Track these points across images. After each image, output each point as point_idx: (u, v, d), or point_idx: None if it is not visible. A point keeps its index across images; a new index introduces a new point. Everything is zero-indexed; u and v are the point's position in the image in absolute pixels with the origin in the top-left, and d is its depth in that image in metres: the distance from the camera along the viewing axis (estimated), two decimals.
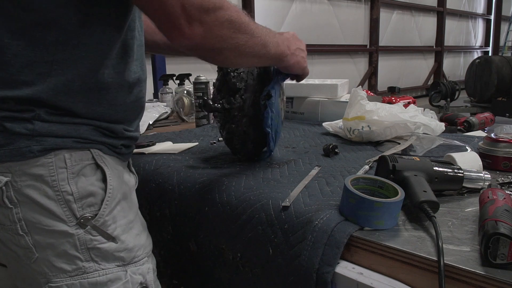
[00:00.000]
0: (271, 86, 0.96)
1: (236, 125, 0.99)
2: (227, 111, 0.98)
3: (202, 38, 0.64)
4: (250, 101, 0.97)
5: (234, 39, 0.68)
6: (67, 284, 0.68)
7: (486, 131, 1.70)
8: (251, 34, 0.71)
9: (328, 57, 6.99)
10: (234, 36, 0.68)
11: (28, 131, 0.63)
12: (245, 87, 0.97)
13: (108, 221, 0.70)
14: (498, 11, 11.86)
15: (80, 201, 0.67)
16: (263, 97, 0.96)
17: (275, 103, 0.97)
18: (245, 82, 0.97)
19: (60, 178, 0.65)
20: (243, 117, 0.98)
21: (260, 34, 0.74)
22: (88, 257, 0.68)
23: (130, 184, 0.78)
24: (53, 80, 0.63)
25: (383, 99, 1.92)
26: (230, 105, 0.97)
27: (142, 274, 0.75)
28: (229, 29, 0.66)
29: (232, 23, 0.67)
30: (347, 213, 0.70)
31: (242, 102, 0.97)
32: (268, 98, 0.95)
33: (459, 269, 0.56)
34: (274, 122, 0.98)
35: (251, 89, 0.97)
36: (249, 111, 0.98)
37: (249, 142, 1.02)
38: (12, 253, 0.68)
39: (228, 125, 1.00)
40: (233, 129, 1.00)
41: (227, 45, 0.68)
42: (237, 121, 0.98)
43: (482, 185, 0.80)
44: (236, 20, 0.67)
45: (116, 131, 0.72)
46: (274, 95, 0.96)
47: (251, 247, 0.78)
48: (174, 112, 1.99)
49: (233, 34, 0.67)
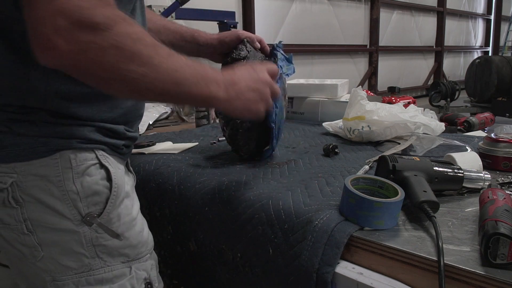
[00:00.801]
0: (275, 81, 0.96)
1: (240, 120, 0.99)
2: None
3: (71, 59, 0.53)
4: None
5: (122, 71, 0.55)
6: (73, 281, 0.69)
7: (486, 131, 1.71)
8: (151, 67, 0.58)
9: (328, 57, 6.98)
10: (123, 67, 0.55)
11: (34, 132, 0.65)
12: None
13: (113, 219, 0.71)
14: (498, 11, 11.86)
15: (85, 200, 0.68)
16: None
17: (280, 98, 0.97)
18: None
19: (65, 177, 0.66)
20: None
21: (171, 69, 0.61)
22: (93, 254, 0.70)
23: (131, 183, 0.79)
24: (54, 89, 0.65)
25: (383, 99, 1.93)
26: None
27: (145, 270, 0.77)
28: (114, 56, 0.54)
29: (121, 50, 0.54)
30: (347, 213, 0.70)
31: None
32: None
33: (459, 269, 0.56)
34: (278, 118, 0.99)
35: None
36: None
37: (252, 139, 1.02)
38: (16, 252, 0.69)
39: (233, 121, 1.00)
40: (237, 124, 1.00)
41: (113, 76, 0.56)
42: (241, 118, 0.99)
43: (482, 185, 0.81)
44: (127, 48, 0.55)
45: (118, 132, 0.74)
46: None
47: (251, 247, 0.78)
48: (174, 112, 1.98)
49: (121, 64, 0.55)
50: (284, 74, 0.99)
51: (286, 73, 1.00)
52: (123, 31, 0.55)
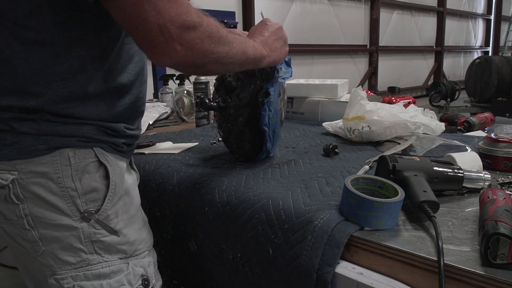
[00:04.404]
0: (270, 84, 0.96)
1: (232, 124, 0.99)
2: (223, 109, 0.98)
3: (183, 56, 0.64)
4: (247, 100, 0.97)
5: (215, 53, 0.68)
6: (71, 275, 0.71)
7: (486, 131, 1.71)
8: (230, 45, 0.71)
9: (328, 57, 6.99)
10: (215, 50, 0.68)
11: (34, 130, 0.66)
12: (242, 86, 0.97)
13: (111, 216, 0.73)
14: (498, 11, 11.86)
15: (84, 197, 0.70)
16: (261, 94, 0.96)
17: (274, 102, 0.97)
18: (242, 81, 0.97)
19: (64, 175, 0.68)
20: (239, 116, 0.98)
21: (238, 43, 0.74)
22: (92, 250, 0.72)
23: (132, 181, 0.80)
24: (53, 91, 0.66)
25: (383, 99, 1.92)
26: (225, 103, 0.98)
27: (143, 266, 0.78)
28: (209, 44, 0.66)
29: (212, 38, 0.67)
30: (347, 213, 0.70)
31: (238, 101, 0.97)
32: (267, 96, 0.95)
33: (459, 269, 0.56)
34: (272, 121, 0.98)
35: (249, 88, 0.97)
36: (245, 111, 0.97)
37: (245, 142, 1.02)
38: (19, 247, 0.72)
39: (225, 124, 1.00)
40: (229, 128, 1.00)
41: (209, 60, 0.68)
42: (233, 120, 0.99)
43: (482, 185, 0.80)
44: (215, 35, 0.67)
45: (117, 130, 0.75)
46: (273, 94, 0.95)
47: (251, 247, 0.78)
48: (174, 112, 1.99)
49: (214, 48, 0.67)
50: (280, 79, 0.98)
51: (283, 77, 0.99)
52: (209, 23, 0.66)
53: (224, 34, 0.69)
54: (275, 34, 0.89)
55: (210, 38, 0.66)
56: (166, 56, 0.63)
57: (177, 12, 0.61)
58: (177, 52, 0.62)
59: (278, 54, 0.89)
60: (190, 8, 0.63)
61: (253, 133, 0.99)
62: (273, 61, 0.88)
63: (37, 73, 0.65)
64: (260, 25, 0.91)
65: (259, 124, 0.97)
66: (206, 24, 0.65)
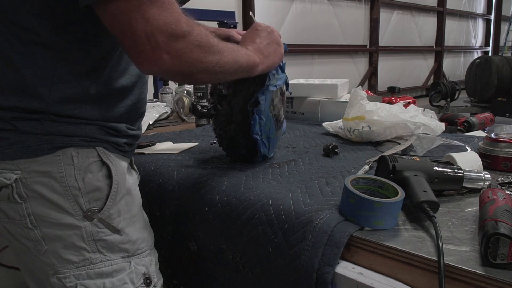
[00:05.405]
0: (260, 93, 0.94)
1: (223, 131, 0.99)
2: (214, 116, 0.98)
3: (170, 65, 0.63)
4: (239, 106, 0.95)
5: (204, 63, 0.67)
6: (74, 274, 0.71)
7: (486, 131, 1.71)
8: (221, 54, 0.70)
9: (328, 57, 6.98)
10: (204, 59, 0.67)
11: (38, 130, 0.67)
12: (233, 93, 0.95)
13: (113, 215, 0.73)
14: (498, 11, 11.86)
15: (87, 196, 0.70)
16: (250, 103, 0.94)
17: (265, 110, 0.95)
18: (233, 88, 0.95)
19: (67, 174, 0.69)
20: (230, 123, 0.97)
21: (229, 52, 0.73)
22: (94, 249, 0.72)
23: (133, 181, 0.81)
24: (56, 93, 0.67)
25: (383, 99, 1.93)
26: (216, 111, 0.98)
27: (145, 265, 0.79)
28: (198, 53, 0.65)
29: (202, 47, 0.66)
30: (347, 213, 0.70)
31: (229, 109, 0.96)
32: (256, 105, 0.94)
33: (459, 269, 0.56)
34: (264, 128, 0.97)
35: (241, 94, 0.95)
36: (237, 117, 0.96)
37: (240, 147, 1.01)
38: (21, 246, 0.72)
39: (218, 129, 1.01)
40: (221, 134, 1.00)
41: (197, 69, 0.67)
42: (224, 127, 0.99)
43: (482, 185, 0.81)
44: (205, 44, 0.66)
45: (119, 130, 0.75)
46: (263, 102, 0.94)
47: (251, 247, 0.78)
48: (174, 112, 1.98)
49: (203, 58, 0.66)
50: (272, 86, 0.95)
51: (274, 84, 0.95)
52: (199, 32, 0.65)
53: (214, 43, 0.69)
54: (267, 39, 0.88)
55: (200, 47, 0.65)
56: (152, 64, 0.62)
57: (166, 20, 0.60)
58: (163, 60, 0.62)
59: (272, 59, 0.88)
60: (181, 17, 0.63)
61: (247, 138, 0.98)
62: (267, 67, 0.87)
63: (40, 74, 0.65)
64: (251, 31, 0.90)
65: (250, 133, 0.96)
66: (196, 33, 0.64)
